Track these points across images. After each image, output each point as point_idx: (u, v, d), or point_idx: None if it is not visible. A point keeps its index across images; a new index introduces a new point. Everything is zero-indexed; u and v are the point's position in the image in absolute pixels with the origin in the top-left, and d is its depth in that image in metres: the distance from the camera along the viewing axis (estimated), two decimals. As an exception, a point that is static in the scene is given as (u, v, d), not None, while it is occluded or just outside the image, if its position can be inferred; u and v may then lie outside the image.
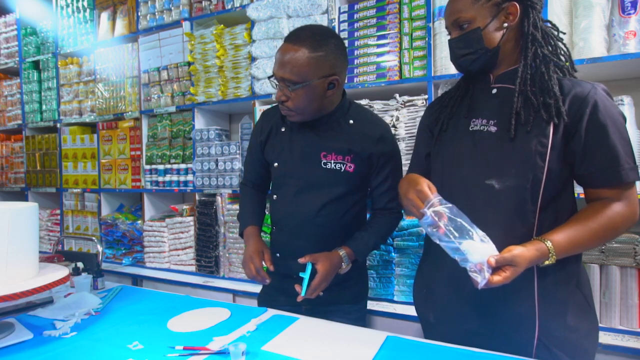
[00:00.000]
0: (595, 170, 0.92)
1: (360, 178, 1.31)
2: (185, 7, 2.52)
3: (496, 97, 1.03)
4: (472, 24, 0.99)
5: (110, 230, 2.82)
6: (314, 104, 1.21)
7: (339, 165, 1.27)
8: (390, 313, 1.78)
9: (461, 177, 1.03)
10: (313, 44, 1.16)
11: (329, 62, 1.18)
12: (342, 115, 1.30)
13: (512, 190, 0.95)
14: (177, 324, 1.14)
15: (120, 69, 2.81)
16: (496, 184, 0.97)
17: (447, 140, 1.09)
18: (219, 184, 2.37)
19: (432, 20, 1.84)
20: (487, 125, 1.01)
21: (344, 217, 1.32)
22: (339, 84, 1.23)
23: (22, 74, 3.35)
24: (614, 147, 0.89)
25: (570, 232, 0.90)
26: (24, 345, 1.02)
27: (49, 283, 1.03)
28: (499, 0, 0.97)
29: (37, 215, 1.11)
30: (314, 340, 1.02)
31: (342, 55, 1.23)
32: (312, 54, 1.15)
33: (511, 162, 0.96)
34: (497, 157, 0.98)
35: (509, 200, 0.96)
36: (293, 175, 1.33)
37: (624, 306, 1.54)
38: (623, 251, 1.53)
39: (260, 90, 2.23)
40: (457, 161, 1.05)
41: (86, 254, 2.44)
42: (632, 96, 1.59)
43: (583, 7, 1.58)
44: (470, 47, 1.00)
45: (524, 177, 0.94)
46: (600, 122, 0.90)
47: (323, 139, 1.29)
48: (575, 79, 0.99)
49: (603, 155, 0.90)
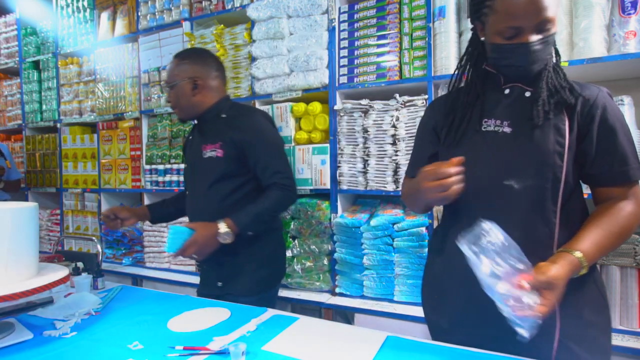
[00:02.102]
0: (605, 170, 0.94)
1: (232, 161, 1.51)
2: (185, 7, 2.52)
3: (508, 97, 1.02)
4: (552, 27, 0.93)
5: (110, 230, 2.82)
6: (182, 100, 1.54)
7: (212, 153, 1.52)
8: (390, 313, 1.78)
9: (477, 178, 0.99)
10: (181, 56, 1.58)
11: (191, 68, 1.53)
12: (216, 112, 1.57)
13: (533, 190, 0.95)
14: (177, 324, 1.14)
15: (120, 69, 2.81)
16: (515, 184, 0.95)
17: (458, 141, 1.06)
18: (219, 184, 2.37)
19: (432, 20, 1.84)
20: (500, 125, 0.99)
21: (229, 198, 1.52)
22: (202, 86, 1.54)
23: (22, 74, 3.35)
24: (623, 148, 0.93)
25: (594, 238, 0.90)
26: (24, 345, 1.02)
27: (49, 283, 1.03)
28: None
29: (37, 215, 1.11)
30: (314, 340, 1.02)
31: (206, 65, 1.57)
32: (179, 62, 1.56)
33: (530, 162, 0.95)
34: (514, 158, 0.97)
35: (530, 200, 0.95)
36: (189, 172, 1.65)
37: (624, 306, 1.54)
38: (623, 251, 1.53)
39: (260, 90, 2.23)
40: (472, 162, 0.99)
41: (86, 254, 2.44)
42: (632, 96, 1.59)
43: (583, 7, 1.58)
44: (546, 53, 0.95)
45: (543, 177, 0.94)
46: (610, 124, 0.93)
47: (203, 135, 1.58)
48: (579, 82, 0.99)
49: (613, 157, 0.93)
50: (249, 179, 1.53)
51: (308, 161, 2.09)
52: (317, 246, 2.05)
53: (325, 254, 2.05)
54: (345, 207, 2.14)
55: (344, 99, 2.06)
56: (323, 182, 2.06)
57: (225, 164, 1.50)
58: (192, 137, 1.67)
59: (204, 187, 1.54)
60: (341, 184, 2.03)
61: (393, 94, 1.89)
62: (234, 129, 1.50)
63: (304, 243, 2.07)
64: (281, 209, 1.58)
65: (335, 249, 1.98)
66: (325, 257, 2.05)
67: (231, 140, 1.49)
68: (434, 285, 1.13)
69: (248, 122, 1.53)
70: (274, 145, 1.56)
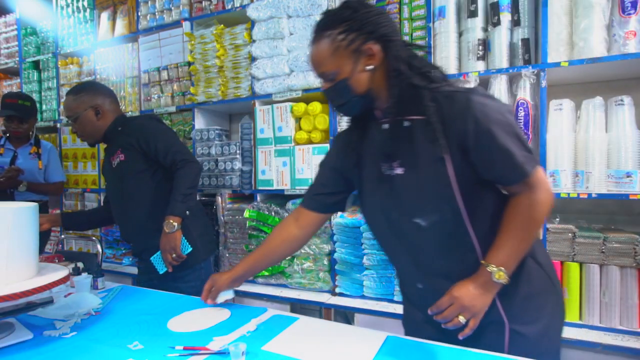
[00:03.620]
0: (497, 174, 0.93)
1: (135, 160, 1.71)
2: (185, 7, 2.52)
3: (389, 132, 1.01)
4: (338, 75, 0.97)
5: (110, 230, 2.82)
6: (88, 128, 1.75)
7: (117, 159, 1.74)
8: (390, 313, 1.78)
9: (390, 221, 1.04)
10: (75, 90, 1.75)
11: (90, 99, 1.73)
12: (113, 128, 1.78)
13: (438, 224, 0.97)
14: (177, 324, 1.14)
15: (120, 69, 2.81)
16: (422, 221, 0.98)
17: (366, 189, 1.10)
18: (218, 184, 2.37)
19: (432, 20, 1.84)
20: (392, 168, 1.00)
21: (145, 190, 1.73)
22: (103, 111, 1.75)
23: (22, 74, 3.35)
24: (505, 148, 0.89)
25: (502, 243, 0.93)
26: (24, 345, 1.02)
27: (49, 283, 1.03)
28: (355, 47, 0.95)
29: (37, 215, 1.11)
30: (314, 340, 1.02)
31: (101, 93, 1.77)
32: (75, 96, 1.73)
33: (425, 200, 0.97)
34: (411, 198, 0.98)
35: (439, 234, 0.98)
36: (109, 185, 1.87)
37: (624, 306, 1.54)
38: (623, 251, 1.53)
39: (260, 90, 2.23)
40: (382, 208, 1.05)
41: (86, 254, 2.45)
42: (632, 96, 1.59)
43: (583, 7, 1.58)
44: (342, 98, 1.00)
45: (442, 211, 0.96)
46: (484, 130, 0.89)
47: (109, 149, 1.81)
48: (449, 90, 0.94)
49: (498, 160, 0.90)
50: (155, 170, 1.74)
51: (308, 161, 2.09)
52: (317, 246, 2.05)
53: (325, 254, 2.05)
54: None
55: (344, 99, 2.05)
56: (323, 182, 2.06)
57: (130, 163, 1.72)
58: (105, 158, 1.89)
59: (120, 190, 1.76)
60: (341, 184, 2.03)
61: (393, 94, 1.89)
62: (125, 135, 1.74)
63: (304, 243, 2.07)
64: (196, 179, 1.72)
65: (335, 249, 1.98)
66: (325, 257, 2.05)
67: (127, 143, 1.72)
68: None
69: (134, 126, 1.76)
70: (159, 132, 1.75)
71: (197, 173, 1.71)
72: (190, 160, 1.69)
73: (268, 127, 2.21)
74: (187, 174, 1.66)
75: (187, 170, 1.66)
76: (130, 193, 1.74)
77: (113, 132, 1.77)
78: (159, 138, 1.70)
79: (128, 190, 1.74)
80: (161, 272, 1.67)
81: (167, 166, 1.71)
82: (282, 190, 2.17)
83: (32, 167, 2.61)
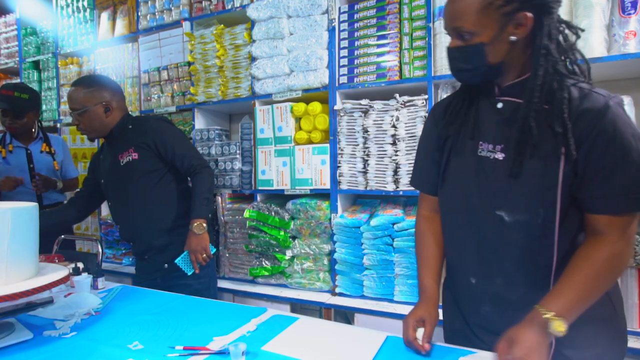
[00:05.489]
0: (596, 193, 0.82)
1: (148, 160, 1.72)
2: (185, 7, 2.52)
3: (502, 114, 0.92)
4: (476, 36, 0.85)
5: (110, 230, 2.82)
6: (96, 123, 1.71)
7: (129, 158, 1.71)
8: (390, 313, 1.78)
9: (469, 206, 0.95)
10: (85, 83, 1.71)
11: (100, 94, 1.69)
12: (123, 125, 1.75)
13: (523, 225, 0.87)
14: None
15: (120, 69, 2.81)
16: (506, 216, 0.88)
17: (454, 164, 1.00)
18: (219, 184, 2.37)
19: (432, 20, 1.84)
20: (493, 151, 0.91)
21: (153, 192, 1.73)
22: (113, 108, 1.72)
23: (22, 74, 3.35)
24: (624, 170, 0.79)
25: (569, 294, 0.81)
26: (24, 345, 1.02)
27: (49, 283, 1.03)
28: (508, 10, 0.82)
29: (38, 215, 1.11)
30: (314, 340, 1.02)
31: (112, 89, 1.74)
32: (85, 89, 1.68)
33: (520, 196, 0.87)
34: (504, 189, 0.89)
35: (521, 235, 0.88)
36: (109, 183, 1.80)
37: (624, 306, 1.54)
38: (623, 251, 1.53)
39: (261, 90, 2.23)
40: (465, 189, 0.96)
41: (86, 254, 2.44)
42: (632, 96, 1.58)
43: (583, 7, 1.58)
44: (470, 63, 0.89)
45: (534, 212, 0.85)
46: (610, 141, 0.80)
47: (116, 147, 1.76)
48: (587, 88, 0.87)
49: (610, 179, 0.80)
50: (166, 171, 1.76)
51: (308, 161, 2.09)
52: (317, 246, 2.05)
53: (325, 254, 2.05)
54: (345, 207, 2.14)
55: (344, 99, 2.06)
56: (323, 182, 2.06)
57: (142, 163, 1.72)
58: (102, 154, 1.86)
59: (126, 189, 1.74)
60: (341, 184, 2.03)
61: (393, 94, 1.89)
62: (141, 134, 1.72)
63: (304, 243, 2.07)
64: (213, 183, 1.78)
65: (335, 249, 1.98)
66: (325, 257, 2.05)
67: (143, 143, 1.71)
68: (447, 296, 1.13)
69: (151, 126, 1.75)
70: (175, 136, 1.77)
71: (212, 177, 1.76)
72: (206, 165, 1.75)
73: (268, 127, 2.21)
74: (206, 179, 1.72)
75: (206, 176, 1.72)
76: (138, 192, 1.73)
77: (123, 130, 1.76)
78: (176, 142, 1.73)
79: (136, 189, 1.73)
80: (189, 273, 1.68)
81: (182, 170, 1.74)
82: (282, 190, 2.17)
83: (48, 164, 2.45)
